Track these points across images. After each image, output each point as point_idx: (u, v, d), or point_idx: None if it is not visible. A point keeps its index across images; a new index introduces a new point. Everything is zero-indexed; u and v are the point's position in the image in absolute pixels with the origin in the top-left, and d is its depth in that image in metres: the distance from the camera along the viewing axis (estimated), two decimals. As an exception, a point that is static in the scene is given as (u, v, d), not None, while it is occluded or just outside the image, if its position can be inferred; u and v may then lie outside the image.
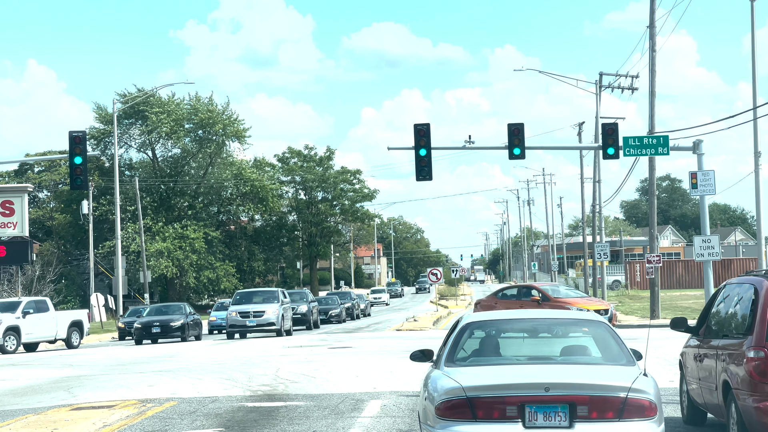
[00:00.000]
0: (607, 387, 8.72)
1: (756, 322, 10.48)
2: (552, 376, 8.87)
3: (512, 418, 8.65)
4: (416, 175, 39.02)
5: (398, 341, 31.37)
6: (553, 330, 10.43)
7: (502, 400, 8.69)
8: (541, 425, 8.61)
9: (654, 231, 44.96)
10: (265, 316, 40.55)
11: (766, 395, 10.10)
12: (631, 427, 8.56)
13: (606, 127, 39.15)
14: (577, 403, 8.61)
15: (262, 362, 24.38)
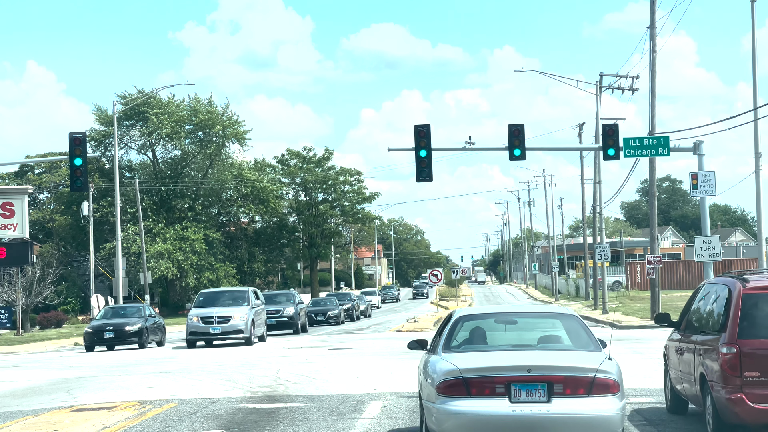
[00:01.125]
0: (579, 368, 10.31)
1: (729, 320, 11.75)
2: (533, 360, 10.49)
3: (500, 395, 10.22)
4: (417, 176, 38.96)
5: (399, 342, 31.32)
6: (531, 322, 12.47)
7: (492, 379, 10.27)
8: (524, 400, 10.18)
9: (654, 232, 44.93)
10: (232, 322, 34.73)
11: (737, 387, 11.39)
12: (598, 401, 10.20)
13: (606, 128, 39.12)
14: (554, 382, 10.20)
15: (262, 363, 24.36)
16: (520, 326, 12.27)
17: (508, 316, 12.58)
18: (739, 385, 11.47)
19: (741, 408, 11.42)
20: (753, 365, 11.49)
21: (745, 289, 11.94)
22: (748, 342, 11.55)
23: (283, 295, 47.60)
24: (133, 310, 39.51)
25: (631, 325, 40.37)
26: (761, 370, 11.44)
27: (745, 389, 11.45)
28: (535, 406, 10.14)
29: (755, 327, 11.66)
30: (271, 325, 42.57)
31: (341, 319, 56.56)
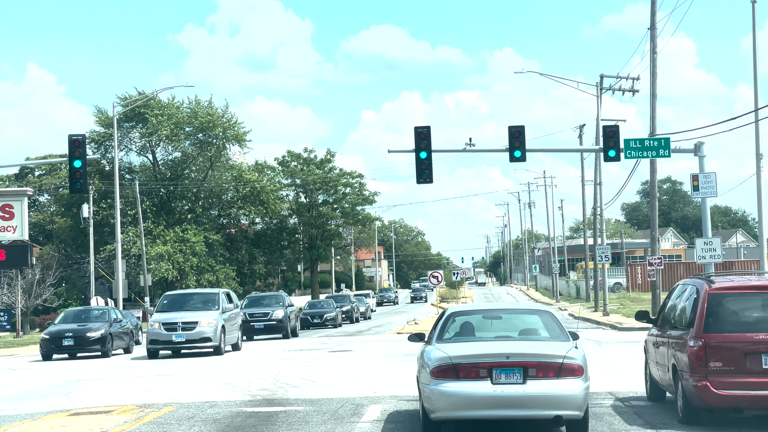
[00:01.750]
0: (549, 355, 12.19)
1: (696, 317, 13.38)
2: (511, 348, 12.33)
3: (483, 377, 12.08)
4: (417, 178, 38.85)
5: (399, 345, 31.23)
6: (514, 317, 14.33)
7: (477, 365, 12.13)
8: (503, 382, 12.04)
9: (655, 233, 44.85)
10: (198, 329, 30.32)
11: (703, 376, 13.01)
12: (565, 382, 12.04)
13: (607, 130, 39.03)
14: (528, 367, 12.07)
15: (261, 366, 24.26)
16: (504, 321, 14.15)
17: (495, 312, 14.78)
18: (705, 374, 13.06)
19: (706, 394, 13.02)
20: (717, 356, 13.07)
21: (711, 290, 13.58)
22: (713, 336, 13.16)
23: (271, 297, 45.73)
24: (97, 313, 35.42)
25: (632, 327, 40.32)
26: (724, 360, 13.02)
27: (710, 378, 13.02)
28: (513, 387, 12.02)
29: (719, 323, 13.27)
30: (259, 329, 41.87)
31: (338, 322, 54.32)
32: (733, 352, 13.07)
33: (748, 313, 13.43)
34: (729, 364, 13.05)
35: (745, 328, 13.24)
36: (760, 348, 12.96)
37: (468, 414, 12.15)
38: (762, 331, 13.06)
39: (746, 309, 13.46)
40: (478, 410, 12.10)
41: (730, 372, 13.03)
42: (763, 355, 12.97)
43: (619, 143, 38.42)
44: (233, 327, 32.52)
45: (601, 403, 15.76)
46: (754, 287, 13.78)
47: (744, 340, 13.08)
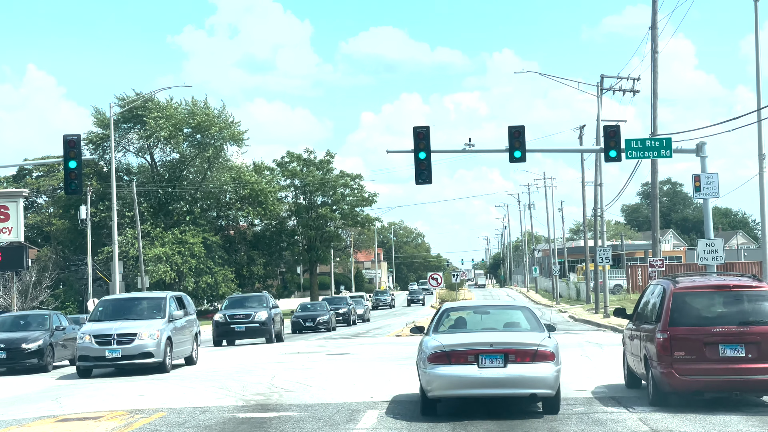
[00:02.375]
0: (526, 344, 14.46)
1: (663, 313, 15.33)
2: (494, 338, 14.65)
3: (471, 362, 14.33)
4: (416, 179, 38.45)
5: (397, 347, 30.82)
6: (499, 312, 16.96)
7: (465, 352, 14.38)
8: (488, 366, 14.28)
9: (656, 234, 44.44)
10: (138, 343, 24.42)
11: (668, 364, 14.96)
12: (539, 366, 14.28)
13: (608, 130, 38.58)
14: (509, 353, 14.31)
15: (257, 370, 23.82)
16: (492, 315, 16.69)
17: (483, 308, 17.24)
18: (670, 363, 15.02)
19: (672, 380, 15.00)
20: (680, 347, 15.05)
21: (675, 289, 15.55)
22: (677, 329, 15.12)
23: (254, 299, 42.65)
24: (37, 320, 29.79)
25: (634, 330, 39.72)
26: (686, 350, 15.01)
27: (675, 365, 14.98)
28: (495, 370, 14.27)
29: (682, 317, 15.21)
30: (240, 332, 39.61)
31: (332, 325, 51.56)
32: (694, 343, 15.03)
33: (707, 309, 15.40)
34: (691, 354, 15.01)
35: (705, 322, 15.22)
36: (717, 339, 14.97)
37: (458, 392, 14.57)
38: (719, 324, 15.11)
39: (706, 306, 15.44)
40: (466, 389, 14.46)
41: (691, 360, 14.99)
42: (720, 345, 14.99)
43: (620, 143, 37.99)
44: (185, 338, 26.78)
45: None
46: (713, 287, 15.87)
47: (703, 332, 15.06)
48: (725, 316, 15.26)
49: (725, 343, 15.01)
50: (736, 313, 15.26)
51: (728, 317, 15.21)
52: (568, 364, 22.26)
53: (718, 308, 15.39)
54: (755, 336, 14.92)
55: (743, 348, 14.97)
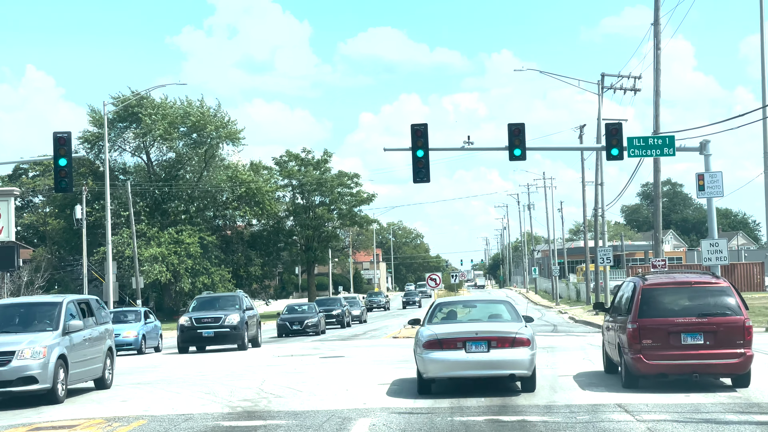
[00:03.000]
0: (506, 332, 16.95)
1: (633, 306, 17.57)
2: (479, 328, 17.20)
3: (459, 348, 16.78)
4: (413, 177, 37.64)
5: (394, 350, 29.95)
6: (485, 305, 19.40)
7: (455, 339, 16.86)
8: (473, 351, 16.74)
9: (659, 234, 43.57)
10: (16, 364, 18.02)
11: (637, 351, 17.18)
12: (516, 350, 16.71)
13: (609, 127, 37.76)
14: (491, 340, 16.77)
15: (247, 373, 22.96)
16: (478, 308, 19.18)
17: (471, 302, 20.11)
18: (639, 349, 17.25)
19: (640, 364, 17.25)
20: (648, 335, 17.28)
21: (644, 285, 17.78)
22: (645, 320, 17.35)
23: (226, 299, 37.78)
24: None
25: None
26: (653, 338, 17.25)
27: (643, 352, 17.23)
28: (480, 354, 16.79)
29: (650, 310, 17.43)
30: (208, 338, 35.21)
31: (321, 329, 47.45)
32: (660, 333, 17.29)
33: (671, 303, 17.57)
34: (657, 341, 17.28)
35: (669, 314, 17.43)
36: (679, 329, 17.27)
37: (449, 374, 17.16)
38: (681, 316, 17.38)
39: (670, 300, 17.61)
40: (456, 371, 17.02)
41: (657, 347, 17.26)
42: (682, 334, 17.26)
43: (622, 141, 37.18)
44: (92, 355, 20.44)
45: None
46: (677, 283, 18.10)
47: (668, 323, 17.32)
48: (687, 308, 17.50)
49: (686, 332, 17.31)
50: (696, 306, 17.50)
51: (689, 310, 17.46)
52: (572, 367, 21.41)
53: (680, 302, 17.62)
54: (712, 326, 17.26)
55: (702, 336, 17.26)
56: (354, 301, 67.00)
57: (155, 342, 38.49)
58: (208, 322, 35.33)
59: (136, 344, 36.16)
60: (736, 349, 17.20)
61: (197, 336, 35.37)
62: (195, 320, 35.47)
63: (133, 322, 37.54)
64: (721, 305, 17.50)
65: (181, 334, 35.74)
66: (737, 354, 17.17)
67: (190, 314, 36.39)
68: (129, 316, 38.21)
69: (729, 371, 17.44)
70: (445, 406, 15.73)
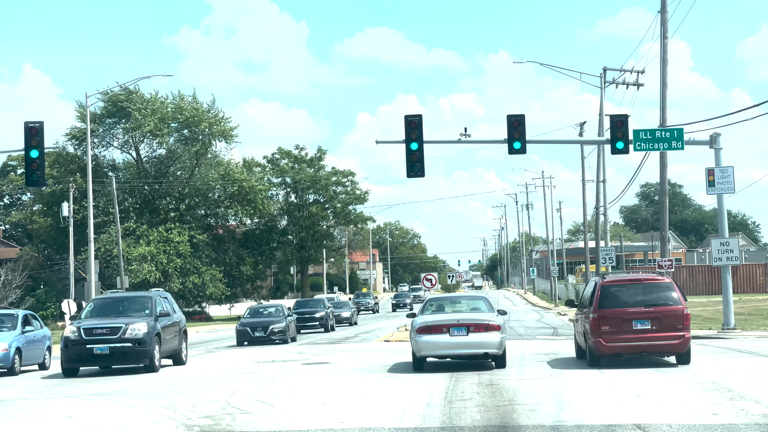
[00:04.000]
0: (481, 320, 21.55)
1: (594, 300, 21.57)
2: (461, 317, 21.99)
3: (445, 333, 21.45)
4: (407, 171, 35.63)
5: (384, 355, 27.76)
6: (467, 301, 24.56)
7: (441, 326, 21.51)
8: (455, 335, 21.36)
9: (665, 233, 41.37)
10: None
11: (598, 335, 21.12)
12: (489, 334, 21.36)
13: (615, 119, 35.68)
14: (469, 326, 21.38)
15: (219, 382, 20.75)
16: (462, 303, 24.24)
17: (456, 298, 25.36)
18: (599, 334, 21.11)
19: (600, 347, 21.14)
20: (606, 323, 21.12)
21: (603, 283, 21.87)
22: (603, 311, 21.22)
23: (135, 301, 26.99)
24: None
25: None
26: (610, 325, 21.06)
27: (602, 336, 21.08)
28: (461, 337, 21.31)
29: (607, 302, 21.33)
30: (101, 356, 24.80)
31: (289, 335, 40.01)
32: (615, 320, 21.16)
33: (624, 296, 21.49)
34: (613, 328, 21.15)
35: (623, 305, 21.34)
36: (631, 317, 21.18)
37: (437, 353, 21.78)
38: (632, 306, 21.30)
39: (624, 294, 21.53)
40: (441, 350, 21.70)
41: (613, 333, 21.13)
42: (633, 321, 21.16)
43: (628, 134, 35.16)
44: None
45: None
46: (629, 280, 22.24)
47: (622, 312, 21.25)
48: (637, 301, 21.44)
49: (637, 320, 21.25)
50: (645, 299, 21.46)
51: (639, 302, 21.42)
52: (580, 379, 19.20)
53: (632, 295, 21.51)
54: (657, 314, 21.20)
55: (649, 323, 21.20)
56: (343, 303, 62.96)
57: (39, 357, 28.52)
58: (101, 335, 25.04)
59: (5, 362, 26.09)
60: (677, 332, 21.14)
61: (85, 354, 25.02)
62: (84, 331, 25.15)
63: (6, 330, 27.26)
64: (664, 298, 21.51)
65: (65, 350, 25.29)
66: (678, 336, 21.15)
67: (78, 322, 25.89)
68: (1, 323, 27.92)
69: (671, 350, 21.42)
70: (435, 426, 13.54)
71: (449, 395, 16.45)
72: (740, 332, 34.39)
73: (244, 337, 39.54)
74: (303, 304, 52.64)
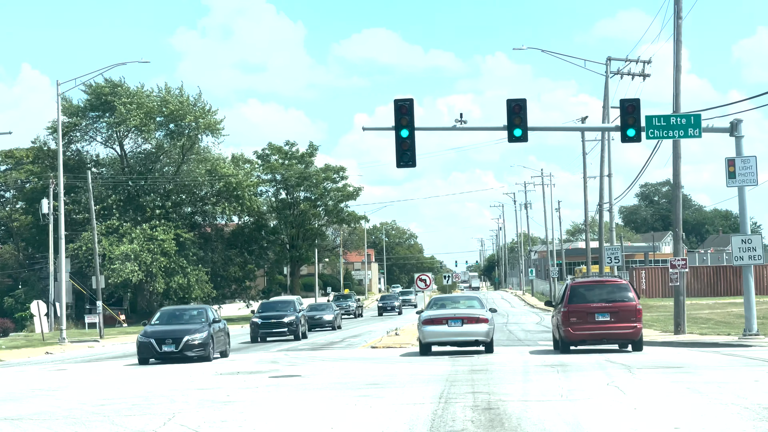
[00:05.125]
0: (473, 315, 28.57)
1: (564, 297, 27.50)
2: (457, 312, 28.96)
3: (444, 324, 28.28)
4: (396, 161, 32.37)
5: (366, 366, 24.33)
6: (464, 300, 31.43)
7: (441, 319, 28.49)
8: (453, 326, 28.20)
9: (679, 230, 37.85)
10: None
11: (567, 326, 26.86)
12: (480, 325, 28.23)
13: (625, 104, 32.34)
14: (464, 319, 28.30)
15: (163, 401, 17.27)
16: (460, 302, 30.55)
17: (455, 298, 32.08)
18: (568, 326, 26.92)
19: (569, 335, 26.96)
20: (574, 316, 26.94)
21: (572, 284, 28.26)
22: (572, 306, 27.07)
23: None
24: None
25: (654, 341, 32.96)
26: (577, 318, 26.87)
27: (571, 326, 26.88)
28: (456, 327, 27.90)
29: (575, 299, 27.18)
30: None
31: (214, 352, 30.83)
32: (581, 314, 26.80)
33: (589, 294, 27.21)
34: (579, 320, 26.82)
35: (588, 301, 27.04)
36: (594, 310, 26.82)
37: (438, 339, 28.20)
38: (595, 302, 26.97)
39: (589, 293, 27.26)
40: (441, 338, 28.16)
41: (580, 323, 26.78)
42: (596, 314, 26.78)
43: (640, 121, 31.80)
44: None
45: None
46: (593, 282, 28.96)
47: (587, 307, 26.88)
48: (599, 297, 26.94)
49: (598, 313, 26.64)
50: (605, 296, 26.96)
51: (601, 298, 26.91)
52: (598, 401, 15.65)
53: (596, 294, 27.04)
54: (615, 308, 26.58)
55: (609, 315, 26.55)
56: (324, 305, 57.43)
57: None
58: None
59: None
60: (631, 323, 26.61)
61: None
62: None
63: None
64: (621, 296, 26.95)
65: None
66: (632, 326, 26.59)
67: None
68: None
69: (626, 338, 26.76)
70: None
71: (436, 424, 13.04)
72: (765, 338, 31.03)
73: (148, 353, 30.56)
74: (269, 306, 45.00)
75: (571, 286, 27.67)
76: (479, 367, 22.58)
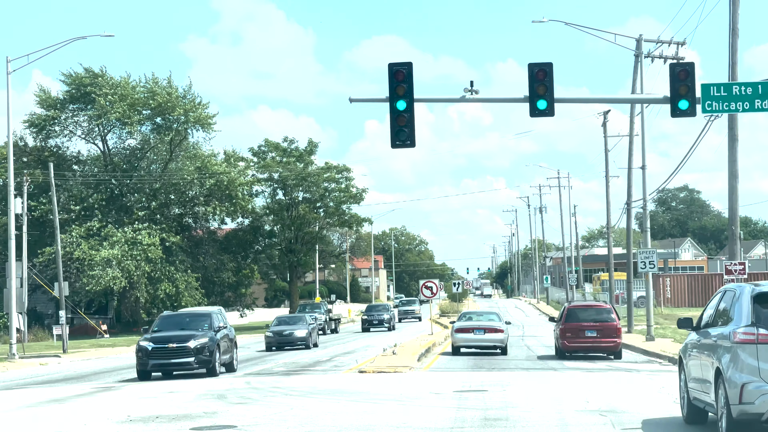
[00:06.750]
0: (493, 326, 38.72)
1: (562, 316, 35.90)
2: (481, 324, 39.03)
3: (470, 332, 38.35)
4: (391, 140, 26.32)
5: (340, 407, 17.55)
6: (487, 314, 41.92)
7: (468, 328, 38.61)
8: (477, 335, 38.20)
9: (736, 228, 30.92)
10: None
11: (564, 339, 34.89)
12: (498, 334, 38.17)
13: (676, 69, 25.59)
14: (485, 329, 38.30)
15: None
16: (483, 316, 40.52)
17: (480, 313, 42.10)
18: (564, 338, 34.60)
19: (564, 346, 34.70)
20: (568, 331, 34.61)
21: (569, 306, 37.52)
22: (568, 324, 34.77)
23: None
24: None
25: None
26: (571, 333, 34.56)
27: (566, 339, 34.57)
28: (480, 335, 37.85)
29: (570, 318, 35.02)
30: None
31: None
32: (575, 330, 34.44)
33: (581, 315, 35.29)
34: (573, 335, 34.43)
35: (580, 320, 34.77)
36: (584, 328, 34.42)
37: (465, 344, 37.79)
38: (586, 321, 34.63)
39: (581, 313, 35.48)
40: (468, 342, 37.76)
41: (573, 337, 34.37)
42: (586, 331, 34.34)
43: (695, 90, 25.14)
44: None
45: None
46: (584, 305, 39.46)
47: (579, 325, 34.50)
48: (589, 318, 35.01)
49: (588, 330, 34.42)
50: (594, 317, 35.11)
51: (590, 318, 34.98)
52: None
53: (586, 314, 35.35)
54: (601, 327, 34.47)
55: (596, 332, 34.36)
56: (297, 318, 46.60)
57: None
58: None
59: None
60: (613, 339, 34.43)
61: None
62: None
63: None
64: (606, 317, 35.10)
65: None
66: (613, 341, 34.42)
67: None
68: None
69: (609, 350, 34.63)
70: None
71: None
72: None
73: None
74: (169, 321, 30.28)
75: (568, 308, 36.45)
76: (495, 414, 15.79)
